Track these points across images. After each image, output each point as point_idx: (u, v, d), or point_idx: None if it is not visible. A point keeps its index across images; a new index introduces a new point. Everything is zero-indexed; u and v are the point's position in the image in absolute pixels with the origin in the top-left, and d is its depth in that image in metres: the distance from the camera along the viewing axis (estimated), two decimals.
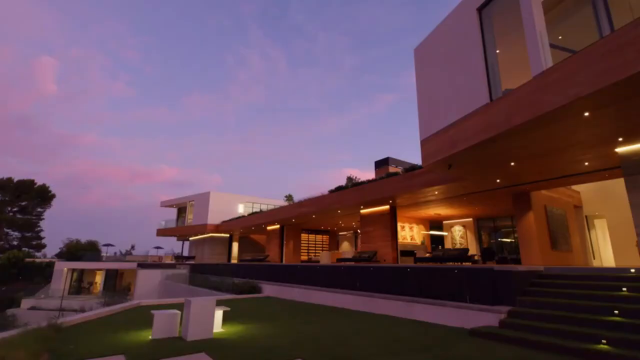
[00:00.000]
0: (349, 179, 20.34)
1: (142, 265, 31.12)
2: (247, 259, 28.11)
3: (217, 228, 33.25)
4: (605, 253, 15.31)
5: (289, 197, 27.73)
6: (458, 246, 20.63)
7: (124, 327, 7.74)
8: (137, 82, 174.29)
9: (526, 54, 7.18)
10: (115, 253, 51.63)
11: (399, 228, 18.24)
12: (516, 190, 13.15)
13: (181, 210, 39.99)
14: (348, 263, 16.18)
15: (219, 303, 9.21)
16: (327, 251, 26.78)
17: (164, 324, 6.71)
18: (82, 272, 33.72)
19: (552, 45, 7.21)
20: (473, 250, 19.44)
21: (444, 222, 21.71)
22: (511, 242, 18.55)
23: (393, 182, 14.93)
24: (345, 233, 30.35)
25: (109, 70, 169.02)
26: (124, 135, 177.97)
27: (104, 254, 41.00)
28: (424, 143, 10.25)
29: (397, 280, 10.45)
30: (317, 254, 28.61)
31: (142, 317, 8.87)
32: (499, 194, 13.80)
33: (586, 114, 6.63)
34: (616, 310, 5.54)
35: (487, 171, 10.83)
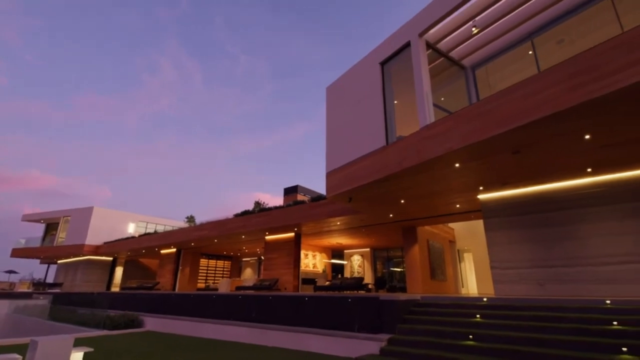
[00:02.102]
0: (257, 203, 20.01)
1: None
2: (132, 287, 24.57)
3: (97, 250, 28.55)
4: (471, 282, 18.02)
5: (190, 219, 25.64)
6: (356, 275, 21.79)
7: None
8: (12, 70, 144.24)
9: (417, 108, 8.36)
10: None
11: (302, 256, 18.43)
12: (405, 224, 14.71)
13: (51, 227, 33.25)
14: (247, 291, 15.49)
15: (81, 342, 7.69)
16: (228, 278, 25.32)
17: None
18: None
19: (435, 105, 8.55)
20: (369, 278, 20.76)
21: (345, 251, 22.82)
22: (401, 271, 20.43)
23: (299, 210, 15.20)
24: (249, 259, 29.27)
25: None
26: None
27: None
28: (328, 175, 10.78)
29: (295, 310, 10.37)
30: (216, 282, 26.74)
31: None
32: (391, 227, 15.22)
33: (457, 165, 7.92)
34: (471, 335, 6.48)
35: (382, 206, 11.89)
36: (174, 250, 24.24)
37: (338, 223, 14.95)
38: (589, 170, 8.21)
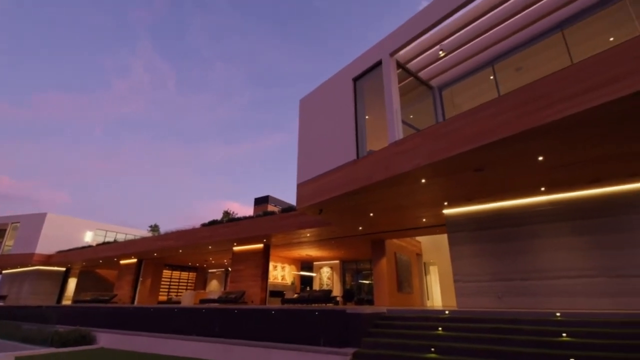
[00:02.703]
0: (226, 213, 19.55)
1: None
2: (86, 300, 22.94)
3: (49, 259, 26.50)
4: (436, 294, 18.47)
5: (154, 228, 24.48)
6: (325, 287, 21.69)
7: None
8: None
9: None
10: None
11: (271, 267, 18.11)
12: (374, 237, 14.91)
13: None
14: (212, 305, 14.93)
15: None
16: (192, 290, 24.32)
17: None
18: None
19: (404, 122, 8.86)
20: (338, 291, 20.73)
21: (315, 263, 22.70)
22: (369, 283, 20.59)
23: (269, 221, 15.01)
24: (215, 271, 28.33)
25: None
26: None
27: None
28: (299, 187, 10.77)
29: (261, 324, 10.10)
30: (179, 294, 25.58)
31: None
32: (361, 239, 15.37)
33: (423, 180, 8.19)
34: (433, 348, 6.61)
35: (352, 219, 12.01)
36: (134, 260, 23.01)
37: (308, 235, 14.90)
38: (543, 189, 8.79)
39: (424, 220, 12.18)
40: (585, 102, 5.05)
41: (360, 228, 13.40)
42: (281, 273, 20.11)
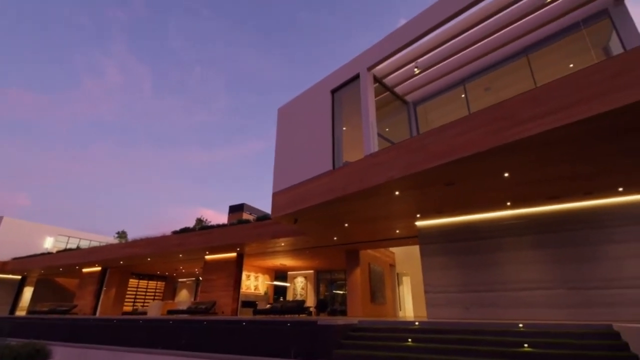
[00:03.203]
0: (198, 220, 19.05)
1: None
2: (42, 311, 21.46)
3: (4, 267, 24.68)
4: (408, 305, 18.72)
5: (121, 235, 23.38)
6: (299, 297, 21.46)
7: None
8: None
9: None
10: None
11: (244, 277, 17.74)
12: (349, 247, 14.99)
13: None
14: (181, 316, 14.38)
15: None
16: (160, 301, 23.35)
17: None
18: None
19: (379, 135, 9.07)
20: (312, 301, 20.55)
21: (289, 272, 22.45)
22: (343, 294, 20.57)
23: (243, 230, 14.76)
24: (185, 280, 27.37)
25: None
26: None
27: None
28: (275, 196, 10.71)
29: (231, 336, 9.82)
30: (146, 304, 24.47)
31: None
32: (335, 250, 15.40)
33: (397, 192, 8.37)
34: (402, 359, 6.68)
35: (327, 229, 12.03)
36: (98, 269, 21.87)
37: (282, 244, 14.76)
38: (509, 203, 9.20)
39: (398, 231, 12.40)
40: (544, 125, 5.39)
41: (335, 238, 13.44)
42: (254, 283, 19.73)
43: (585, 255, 8.50)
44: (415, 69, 9.39)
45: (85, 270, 22.66)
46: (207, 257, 17.44)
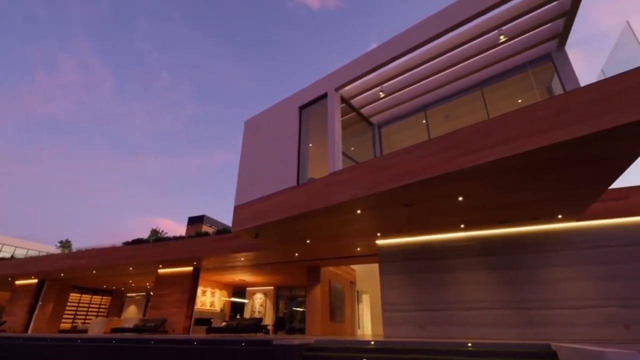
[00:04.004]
0: (154, 232, 18.03)
1: None
2: None
3: None
4: (367, 323, 18.79)
5: (64, 244, 21.40)
6: (257, 314, 20.79)
7: None
8: None
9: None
10: None
11: (199, 292, 16.92)
12: (310, 264, 14.88)
13: None
14: (126, 334, 13.34)
15: None
16: (104, 317, 21.55)
17: None
18: None
19: (344, 154, 9.25)
20: (270, 318, 19.99)
21: (248, 288, 21.78)
22: (303, 311, 20.24)
23: (201, 243, 14.20)
24: (134, 295, 25.56)
25: None
26: None
27: None
28: (237, 209, 10.45)
29: (180, 357, 9.23)
30: (88, 321, 22.47)
31: None
32: (297, 266, 15.22)
33: (359, 211, 8.51)
34: None
35: (289, 245, 11.89)
36: (34, 281, 19.86)
37: (242, 259, 14.35)
38: (462, 226, 9.67)
39: (359, 249, 12.53)
40: (493, 154, 5.81)
41: (297, 254, 13.31)
42: (210, 299, 18.87)
43: (528, 278, 9.10)
44: (381, 93, 9.78)
45: (18, 282, 20.48)
46: (161, 270, 16.48)
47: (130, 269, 16.67)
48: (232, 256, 13.84)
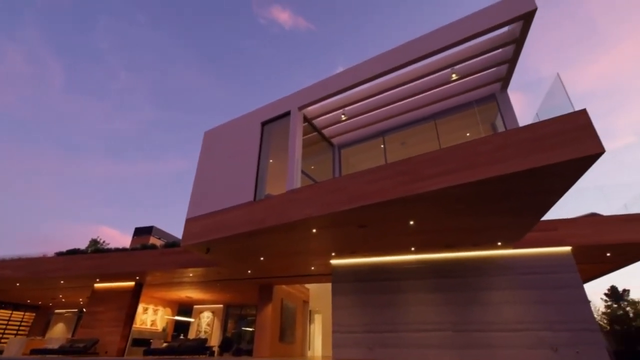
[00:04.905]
0: (94, 242, 16.62)
1: None
2: None
3: None
4: (318, 344, 18.49)
5: None
6: (203, 334, 19.64)
7: None
8: None
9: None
10: None
11: (140, 310, 15.71)
12: (263, 282, 14.49)
13: None
14: (49, 357, 11.90)
15: None
16: (24, 337, 19.11)
17: None
18: None
19: (303, 172, 9.31)
20: (217, 339, 18.95)
21: (195, 306, 20.59)
22: (253, 331, 19.47)
23: (148, 256, 13.31)
24: (63, 311, 22.98)
25: None
26: None
27: None
28: (188, 222, 10.01)
29: None
30: (4, 341, 19.73)
31: None
32: (249, 283, 14.73)
33: (314, 230, 8.53)
34: None
35: (241, 261, 11.52)
36: None
37: (191, 275, 13.63)
38: (413, 249, 10.05)
39: (313, 268, 12.47)
40: (441, 183, 6.20)
41: (250, 271, 12.91)
42: (152, 317, 17.55)
43: (471, 300, 9.60)
44: (343, 116, 10.08)
45: None
46: (98, 285, 15.11)
47: (62, 282, 15.09)
48: (180, 271, 13.10)
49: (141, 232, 20.02)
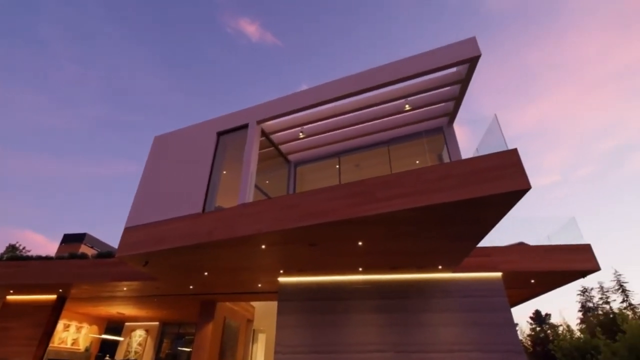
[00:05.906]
0: (12, 247, 14.69)
1: None
2: None
3: None
4: None
5: None
6: (133, 355, 17.95)
7: None
8: None
9: None
10: None
11: (60, 327, 14.01)
12: (205, 298, 13.74)
13: None
14: None
15: None
16: None
17: None
18: None
19: (257, 186, 9.18)
20: None
21: (126, 323, 18.85)
22: (190, 351, 18.19)
23: (76, 266, 12.03)
24: None
25: None
26: None
27: None
28: (126, 231, 9.28)
29: None
30: None
31: None
32: (189, 299, 13.88)
33: (263, 246, 8.36)
34: None
35: (183, 276, 10.88)
36: None
37: (125, 289, 12.53)
38: (361, 269, 10.22)
39: (260, 285, 12.11)
40: (391, 206, 6.47)
41: (192, 287, 12.20)
42: (74, 335, 15.72)
43: (412, 322, 9.90)
44: (300, 134, 10.21)
45: None
46: (10, 297, 13.27)
47: None
48: (113, 285, 11.98)
49: (71, 239, 18.09)
